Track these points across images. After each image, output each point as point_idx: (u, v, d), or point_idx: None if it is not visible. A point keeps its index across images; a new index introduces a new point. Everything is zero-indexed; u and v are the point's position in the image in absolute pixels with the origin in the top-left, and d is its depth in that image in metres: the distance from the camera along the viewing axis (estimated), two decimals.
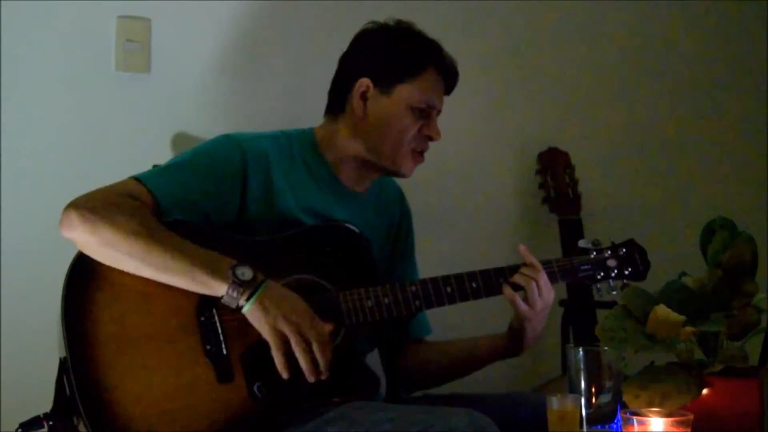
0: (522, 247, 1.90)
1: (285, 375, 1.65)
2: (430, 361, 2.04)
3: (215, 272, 1.64)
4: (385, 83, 1.89)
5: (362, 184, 1.98)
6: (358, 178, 1.96)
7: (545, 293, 1.86)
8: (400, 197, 2.10)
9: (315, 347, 1.66)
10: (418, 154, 1.94)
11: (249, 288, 1.64)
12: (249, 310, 1.64)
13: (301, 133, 1.94)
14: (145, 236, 1.64)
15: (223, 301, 1.65)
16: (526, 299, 1.85)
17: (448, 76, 1.95)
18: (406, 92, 1.89)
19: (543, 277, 1.86)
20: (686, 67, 2.70)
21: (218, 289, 1.64)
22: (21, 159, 2.11)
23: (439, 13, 2.41)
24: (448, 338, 2.08)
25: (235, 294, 1.64)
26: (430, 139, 1.94)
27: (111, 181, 1.76)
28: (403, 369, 2.04)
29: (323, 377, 1.67)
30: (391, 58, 1.92)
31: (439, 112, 1.95)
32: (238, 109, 2.26)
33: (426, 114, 1.91)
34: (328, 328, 1.69)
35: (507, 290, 1.86)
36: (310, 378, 1.66)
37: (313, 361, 1.66)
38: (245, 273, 1.64)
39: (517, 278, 1.86)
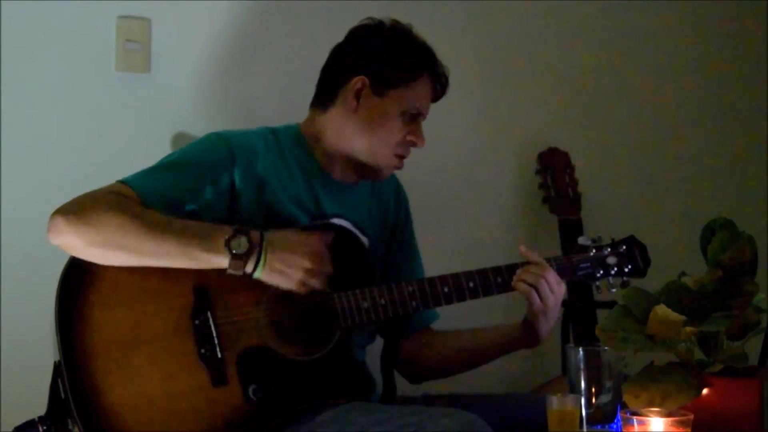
0: (522, 248, 1.90)
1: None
2: (442, 350, 2.03)
3: (212, 250, 1.66)
4: (381, 85, 1.90)
5: (352, 177, 1.98)
6: (348, 171, 1.96)
7: (556, 288, 1.87)
8: (396, 186, 2.09)
9: (324, 273, 1.73)
10: (399, 159, 1.94)
11: (251, 256, 1.66)
12: (262, 275, 1.68)
13: (287, 129, 1.95)
14: (133, 226, 1.64)
15: (228, 272, 1.66)
16: (538, 295, 1.85)
17: (439, 85, 1.96)
18: (400, 97, 1.90)
19: (551, 273, 1.87)
20: (686, 66, 2.70)
21: (220, 263, 1.66)
22: (21, 159, 2.11)
23: (439, 13, 2.41)
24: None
25: (238, 265, 1.66)
26: (414, 145, 1.94)
27: (111, 181, 1.76)
28: (411, 358, 2.03)
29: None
30: (390, 61, 1.92)
31: (424, 118, 1.96)
32: (238, 109, 2.26)
33: (413, 120, 1.92)
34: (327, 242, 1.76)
35: (522, 285, 1.85)
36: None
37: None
38: (241, 244, 1.66)
39: (526, 277, 1.86)
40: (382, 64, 1.91)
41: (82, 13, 2.15)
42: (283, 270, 1.68)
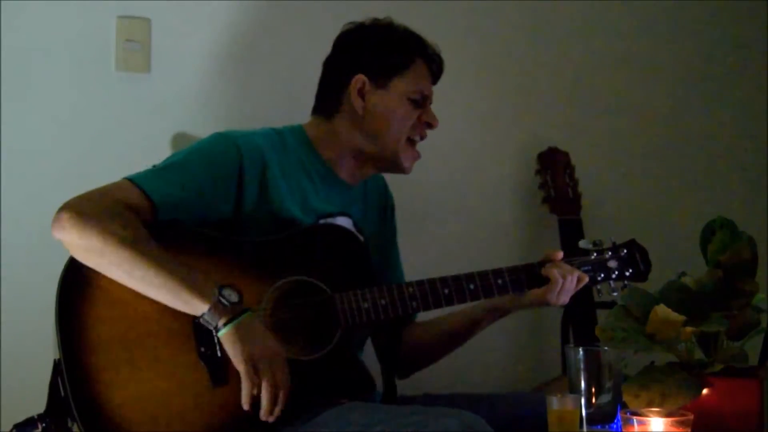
0: (560, 254, 1.93)
1: (247, 407, 1.63)
2: (423, 338, 2.04)
3: (199, 292, 1.63)
4: (380, 78, 1.93)
5: (358, 179, 2.00)
6: (355, 173, 1.98)
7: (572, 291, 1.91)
8: (384, 186, 2.12)
9: (281, 393, 1.64)
10: (415, 148, 1.97)
11: (230, 313, 1.63)
12: (226, 334, 1.63)
13: (291, 130, 1.96)
14: (131, 248, 1.63)
15: (201, 320, 1.64)
16: (560, 288, 1.88)
17: (434, 65, 1.99)
18: (402, 84, 1.93)
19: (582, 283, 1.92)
20: (686, 66, 2.70)
21: (199, 307, 1.63)
22: (21, 159, 2.11)
23: (439, 14, 2.41)
24: None
25: (215, 315, 1.63)
26: (430, 126, 1.97)
27: (110, 181, 1.76)
28: (401, 353, 2.03)
29: (271, 420, 1.64)
30: (383, 53, 1.95)
31: (431, 101, 1.99)
32: (238, 109, 2.26)
33: (421, 103, 1.95)
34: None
35: (554, 272, 1.87)
36: (264, 417, 1.63)
37: (274, 403, 1.64)
38: (231, 295, 1.64)
39: (563, 266, 1.89)
40: (376, 57, 1.94)
41: (82, 13, 2.15)
42: (245, 336, 1.63)
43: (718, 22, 2.73)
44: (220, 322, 1.63)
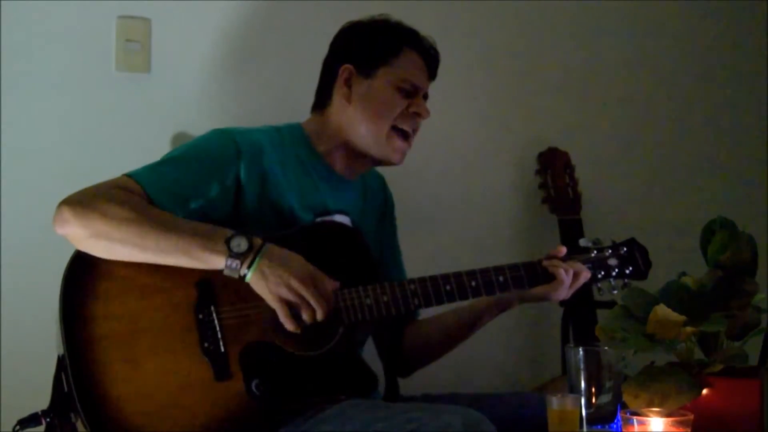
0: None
1: (292, 329, 1.68)
2: (426, 334, 2.05)
3: (211, 248, 1.65)
4: (367, 67, 1.94)
5: (354, 174, 2.00)
6: (350, 167, 1.99)
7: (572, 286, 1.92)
8: (383, 184, 2.13)
9: (319, 312, 1.69)
10: (404, 139, 1.96)
11: (247, 258, 1.66)
12: (251, 279, 1.67)
13: (290, 127, 1.97)
14: (136, 221, 1.65)
15: (225, 273, 1.66)
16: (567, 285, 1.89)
17: (428, 57, 1.99)
18: (389, 73, 1.94)
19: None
20: (686, 66, 2.70)
21: (217, 263, 1.66)
22: (21, 158, 2.11)
23: (439, 13, 2.41)
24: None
25: (234, 265, 1.65)
26: (419, 116, 1.96)
27: None
28: (403, 351, 2.04)
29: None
30: (370, 42, 1.96)
31: (425, 95, 1.99)
32: (237, 108, 2.26)
33: (412, 94, 1.95)
34: (331, 285, 1.72)
35: (561, 273, 1.87)
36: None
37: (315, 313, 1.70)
38: (241, 244, 1.66)
39: (557, 270, 1.89)
40: (363, 46, 1.96)
41: (82, 13, 2.16)
42: (267, 277, 1.66)
43: (718, 22, 2.73)
44: (243, 270, 1.66)
